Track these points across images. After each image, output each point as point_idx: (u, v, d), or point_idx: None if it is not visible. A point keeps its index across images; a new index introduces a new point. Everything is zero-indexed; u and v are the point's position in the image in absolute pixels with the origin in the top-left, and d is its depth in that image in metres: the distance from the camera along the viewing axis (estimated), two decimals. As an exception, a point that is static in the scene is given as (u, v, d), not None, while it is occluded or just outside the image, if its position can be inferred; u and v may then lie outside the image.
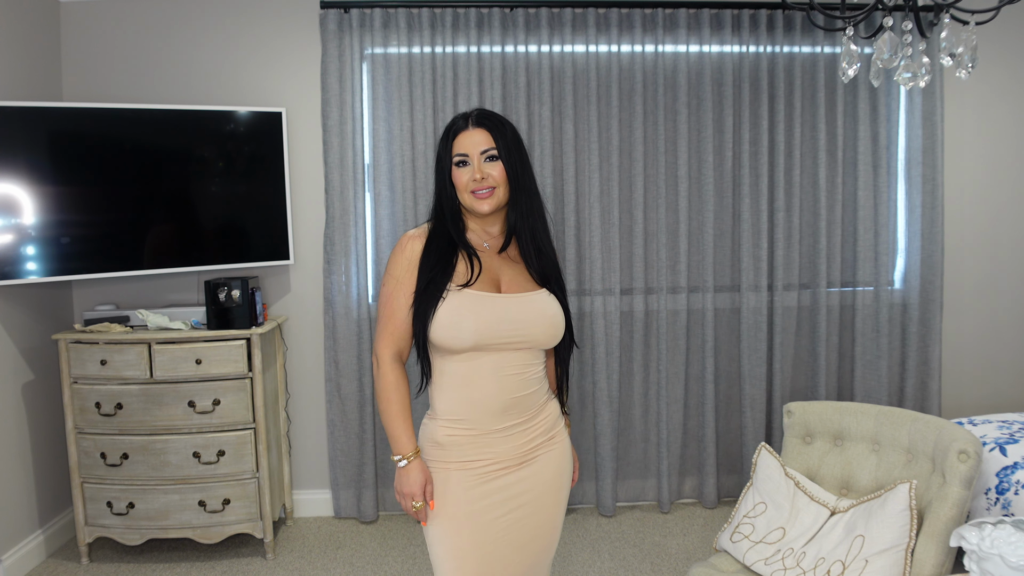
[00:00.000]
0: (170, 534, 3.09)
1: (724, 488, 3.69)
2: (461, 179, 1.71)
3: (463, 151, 1.70)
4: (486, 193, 1.70)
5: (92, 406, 3.03)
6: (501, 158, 1.70)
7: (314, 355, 3.60)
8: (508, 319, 1.67)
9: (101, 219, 3.08)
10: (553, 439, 1.80)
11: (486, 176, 1.69)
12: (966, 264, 3.77)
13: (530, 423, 1.75)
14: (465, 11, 3.39)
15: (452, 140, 1.72)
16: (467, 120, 1.73)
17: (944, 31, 1.96)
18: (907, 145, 3.59)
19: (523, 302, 1.71)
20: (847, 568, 1.97)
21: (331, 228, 3.44)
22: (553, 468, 1.79)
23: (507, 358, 1.69)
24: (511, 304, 1.69)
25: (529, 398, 1.73)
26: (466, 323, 1.64)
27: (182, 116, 3.17)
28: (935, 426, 2.14)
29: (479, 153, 1.69)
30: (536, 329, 1.70)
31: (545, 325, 1.71)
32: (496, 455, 1.71)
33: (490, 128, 1.71)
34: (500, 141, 1.71)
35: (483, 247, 1.76)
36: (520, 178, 1.73)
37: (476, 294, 1.67)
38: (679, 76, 3.47)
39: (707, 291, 3.54)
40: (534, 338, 1.70)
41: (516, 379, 1.71)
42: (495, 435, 1.70)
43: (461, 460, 1.70)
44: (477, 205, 1.71)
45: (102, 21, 3.44)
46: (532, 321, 1.70)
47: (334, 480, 3.55)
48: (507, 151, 1.71)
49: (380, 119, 3.44)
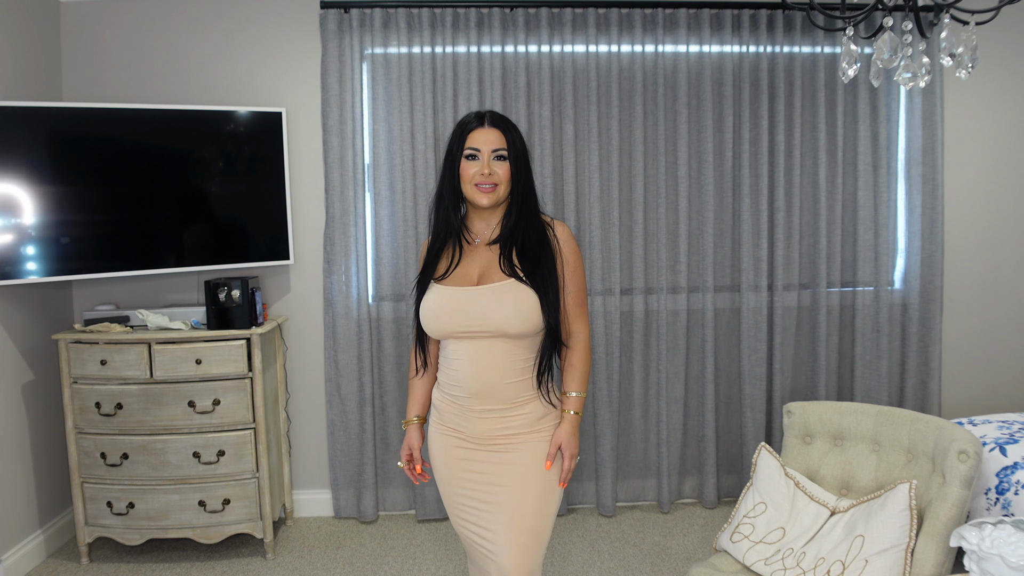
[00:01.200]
0: (170, 534, 3.09)
1: (724, 488, 3.69)
2: (468, 171, 1.85)
3: (476, 146, 1.84)
4: (488, 188, 1.83)
5: (92, 406, 3.03)
6: (509, 159, 1.85)
7: (314, 355, 3.60)
8: (470, 310, 1.80)
9: (101, 219, 3.08)
10: (534, 433, 1.86)
11: (493, 172, 1.83)
12: (966, 264, 3.77)
13: (507, 413, 1.84)
14: (465, 11, 3.39)
15: (467, 135, 1.86)
16: (482, 119, 1.88)
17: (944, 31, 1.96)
18: (907, 145, 3.59)
19: (488, 292, 1.81)
20: (847, 568, 1.97)
21: (331, 228, 3.44)
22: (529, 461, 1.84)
23: (483, 346, 1.82)
24: (476, 295, 1.82)
25: (507, 388, 1.83)
26: (433, 315, 1.84)
27: (182, 116, 3.17)
28: (935, 426, 2.14)
29: (490, 151, 1.84)
30: (498, 317, 1.79)
31: (507, 313, 1.78)
32: (470, 431, 1.87)
33: (504, 130, 1.87)
34: (511, 144, 1.86)
35: (475, 241, 1.91)
36: (521, 178, 1.88)
37: (444, 288, 1.85)
38: (679, 76, 3.47)
39: (707, 291, 3.54)
40: (498, 326, 1.79)
41: (493, 367, 1.82)
42: (472, 414, 1.86)
43: (446, 425, 1.91)
44: (477, 197, 1.84)
45: (102, 21, 3.44)
46: (494, 309, 1.79)
47: (334, 480, 3.55)
48: (515, 154, 1.86)
49: (380, 119, 3.44)
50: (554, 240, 1.89)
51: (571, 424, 1.88)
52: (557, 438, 1.87)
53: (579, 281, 1.91)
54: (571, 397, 1.90)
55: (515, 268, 1.83)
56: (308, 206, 3.54)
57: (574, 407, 1.89)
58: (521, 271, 1.83)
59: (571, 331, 1.90)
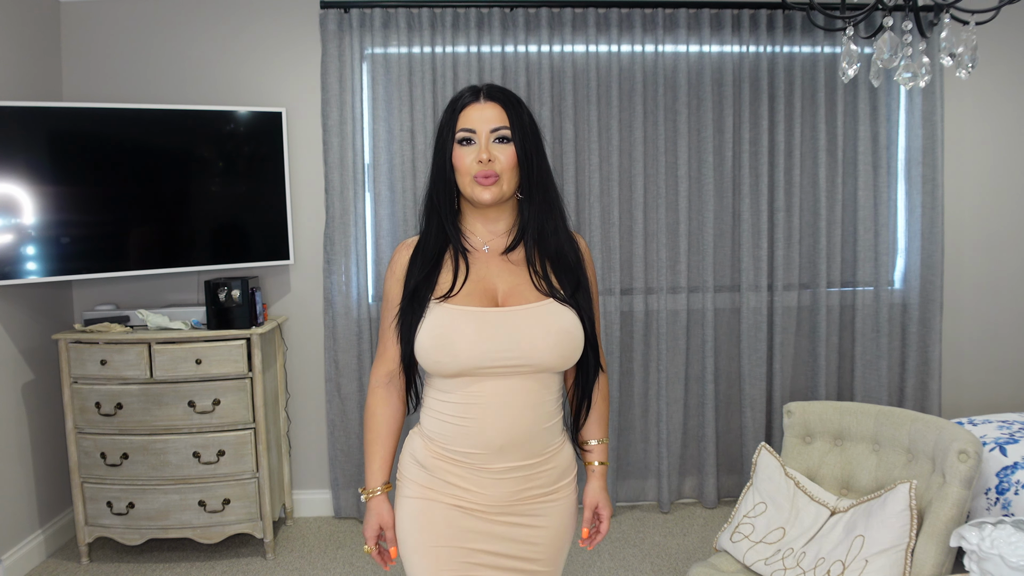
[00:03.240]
0: (170, 534, 3.09)
1: (724, 488, 3.69)
2: (463, 160, 1.44)
3: (469, 126, 1.44)
4: (490, 180, 1.43)
5: (92, 406, 3.03)
6: (514, 140, 1.44)
7: (314, 355, 3.60)
8: (502, 337, 1.40)
9: (101, 219, 3.08)
10: (562, 487, 1.51)
11: (493, 159, 1.42)
12: (966, 264, 3.77)
13: (536, 469, 1.47)
14: (465, 11, 3.39)
15: (458, 114, 1.46)
16: (477, 93, 1.46)
17: (944, 31, 1.96)
18: (907, 145, 3.59)
19: (522, 316, 1.42)
20: (847, 568, 1.97)
21: (331, 228, 3.44)
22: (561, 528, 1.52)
23: (510, 385, 1.42)
24: (507, 319, 1.42)
25: (537, 438, 1.45)
26: (448, 345, 1.40)
27: (182, 116, 3.17)
28: (935, 426, 2.14)
29: (488, 131, 1.43)
30: (540, 348, 1.40)
31: (551, 343, 1.41)
32: (485, 496, 1.45)
33: (504, 104, 1.45)
34: (515, 120, 1.44)
35: (482, 249, 1.50)
36: (533, 167, 1.46)
37: (459, 310, 1.42)
38: (679, 76, 3.47)
39: (707, 291, 3.54)
40: (539, 360, 1.41)
41: (522, 412, 1.43)
42: (489, 475, 1.44)
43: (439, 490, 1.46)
44: (477, 193, 1.44)
45: (102, 21, 3.44)
46: (534, 338, 1.41)
47: (334, 480, 3.55)
48: (521, 133, 1.44)
49: (380, 119, 3.44)
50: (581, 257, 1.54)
51: (602, 479, 1.57)
52: (591, 499, 1.55)
53: (597, 307, 1.57)
54: (597, 446, 1.58)
55: (552, 285, 1.46)
56: (308, 206, 3.54)
57: (601, 457, 1.57)
58: (561, 290, 1.46)
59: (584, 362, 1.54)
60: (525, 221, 1.49)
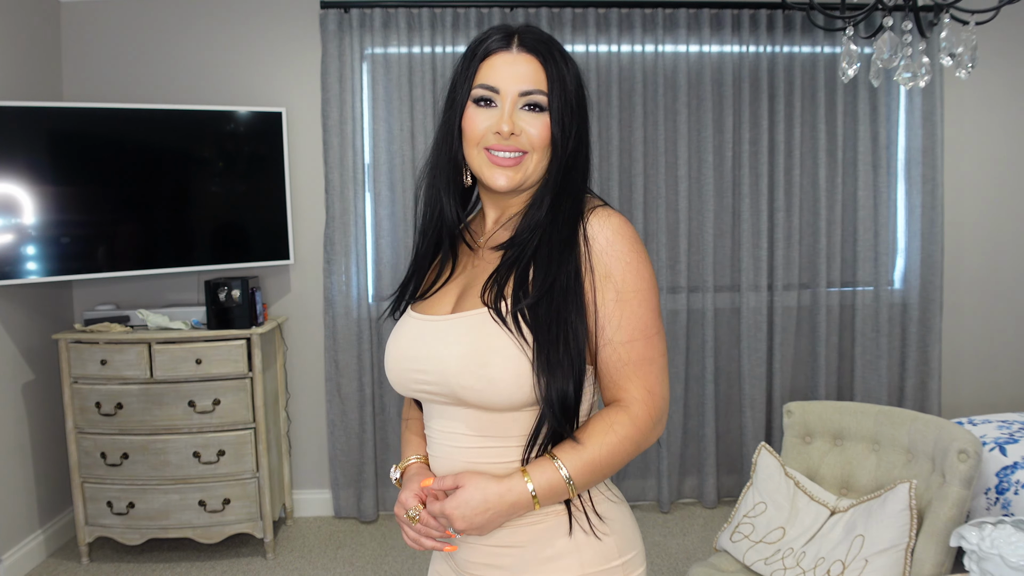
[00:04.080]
0: (170, 534, 3.09)
1: (724, 488, 3.69)
2: (476, 123, 1.07)
3: (491, 83, 1.05)
4: (510, 159, 1.06)
5: (92, 406, 3.03)
6: (550, 110, 1.05)
7: (314, 355, 3.60)
8: (417, 355, 1.08)
9: (101, 219, 3.08)
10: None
11: (519, 131, 1.05)
12: (966, 264, 3.77)
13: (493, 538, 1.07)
14: (465, 11, 3.39)
15: (479, 62, 1.07)
16: (509, 39, 1.06)
17: (944, 31, 1.96)
18: (907, 145, 3.59)
19: (439, 328, 1.08)
20: (847, 568, 1.97)
21: (331, 228, 3.44)
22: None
23: (447, 419, 1.08)
24: (424, 331, 1.09)
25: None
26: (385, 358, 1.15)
27: (182, 116, 3.17)
28: (935, 426, 2.14)
29: (517, 93, 1.05)
30: (448, 371, 1.04)
31: (456, 367, 1.02)
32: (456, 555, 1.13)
33: (544, 59, 1.05)
34: (556, 83, 1.05)
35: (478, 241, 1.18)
36: (568, 152, 1.07)
37: (409, 316, 1.15)
38: (679, 76, 3.47)
39: (707, 291, 3.54)
40: (451, 387, 1.04)
41: (458, 456, 1.07)
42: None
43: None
44: (488, 174, 1.08)
45: (102, 21, 3.44)
46: (441, 358, 1.05)
47: (334, 480, 3.55)
48: (563, 100, 1.05)
49: (380, 119, 3.44)
50: (581, 244, 1.05)
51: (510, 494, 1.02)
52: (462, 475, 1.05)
53: (639, 316, 1.06)
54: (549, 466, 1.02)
55: (503, 293, 1.04)
56: (308, 206, 3.54)
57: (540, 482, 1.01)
58: (511, 300, 1.03)
59: (619, 397, 1.06)
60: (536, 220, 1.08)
